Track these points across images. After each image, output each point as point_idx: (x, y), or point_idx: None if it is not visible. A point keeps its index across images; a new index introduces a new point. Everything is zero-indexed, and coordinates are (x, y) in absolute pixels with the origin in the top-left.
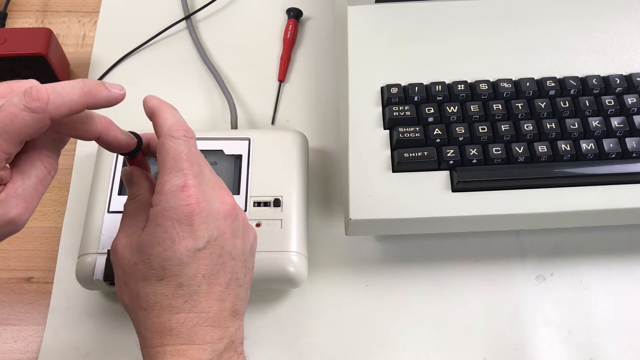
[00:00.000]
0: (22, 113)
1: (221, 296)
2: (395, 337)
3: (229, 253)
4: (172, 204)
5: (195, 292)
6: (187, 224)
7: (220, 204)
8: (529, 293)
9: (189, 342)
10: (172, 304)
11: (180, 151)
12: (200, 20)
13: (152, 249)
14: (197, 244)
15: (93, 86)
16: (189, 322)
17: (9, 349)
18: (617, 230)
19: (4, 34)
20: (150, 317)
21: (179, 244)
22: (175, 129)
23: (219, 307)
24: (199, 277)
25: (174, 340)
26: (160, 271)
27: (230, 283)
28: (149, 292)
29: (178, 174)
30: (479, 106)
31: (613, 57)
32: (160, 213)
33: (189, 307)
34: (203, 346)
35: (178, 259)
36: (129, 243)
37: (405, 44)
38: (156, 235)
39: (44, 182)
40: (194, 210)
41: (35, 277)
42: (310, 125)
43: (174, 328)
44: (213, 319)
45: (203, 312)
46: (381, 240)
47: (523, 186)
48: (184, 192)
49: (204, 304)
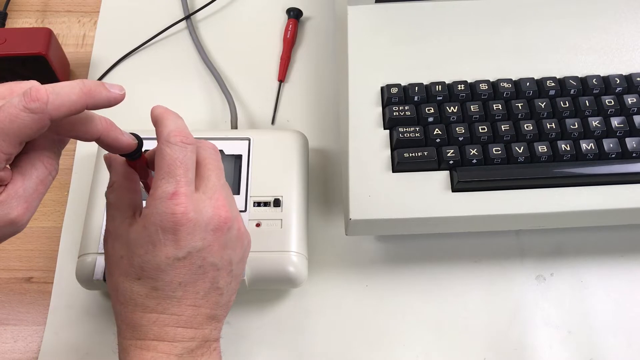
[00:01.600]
0: (21, 114)
1: (197, 303)
2: (395, 337)
3: (212, 264)
4: (159, 211)
5: (169, 297)
6: (171, 233)
7: (213, 215)
8: (529, 293)
9: (159, 339)
10: (145, 304)
11: (175, 157)
12: (200, 20)
13: (135, 249)
14: (178, 253)
15: (92, 87)
16: (160, 322)
17: (9, 349)
18: (617, 230)
19: (4, 34)
20: (125, 311)
21: (159, 250)
22: (173, 135)
23: (193, 312)
24: (175, 283)
25: (144, 336)
26: (139, 271)
27: (209, 292)
28: (127, 288)
29: (170, 181)
30: (479, 106)
31: (613, 57)
32: (148, 217)
33: (161, 308)
34: (174, 343)
35: (156, 264)
36: (117, 235)
37: (405, 44)
38: (141, 236)
39: (44, 183)
40: (179, 220)
41: (35, 277)
42: (310, 125)
43: (145, 325)
44: (185, 321)
45: (175, 315)
46: (381, 240)
47: (523, 186)
48: (172, 200)
49: (176, 308)
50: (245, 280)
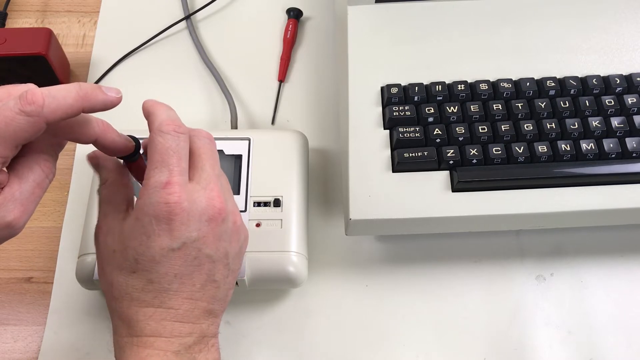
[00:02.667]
0: (17, 117)
1: (194, 296)
2: (395, 337)
3: (207, 256)
4: (152, 200)
5: (165, 289)
6: (165, 223)
7: (207, 205)
8: (529, 293)
9: (156, 335)
10: (141, 297)
11: (168, 146)
12: (200, 20)
13: (129, 242)
14: (172, 244)
15: (89, 90)
16: (157, 316)
17: (9, 349)
18: (617, 230)
19: (4, 34)
20: (121, 307)
21: (153, 241)
22: (165, 124)
23: (191, 306)
24: (171, 275)
25: (140, 332)
26: (133, 264)
27: (205, 284)
28: (122, 282)
29: (163, 170)
30: (479, 106)
31: (613, 57)
32: (140, 208)
33: (158, 302)
34: (171, 339)
35: (151, 256)
36: (109, 230)
37: (405, 44)
38: (134, 228)
39: (41, 186)
40: (173, 210)
41: (35, 277)
42: (310, 125)
43: (141, 320)
44: (182, 316)
45: (172, 309)
46: (381, 240)
47: (523, 186)
48: (166, 189)
49: (173, 301)
50: (245, 280)
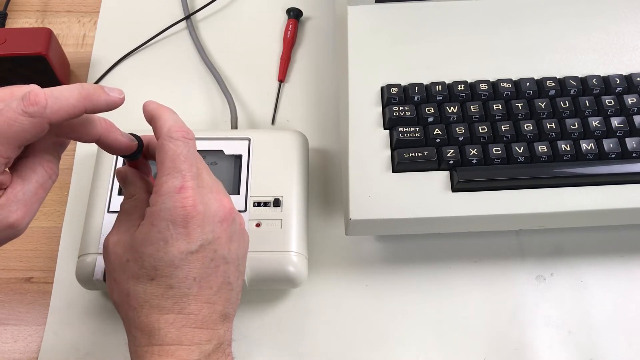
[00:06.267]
0: (20, 117)
1: (212, 299)
2: (395, 337)
3: (222, 257)
4: (168, 205)
5: (185, 294)
6: (182, 227)
7: (218, 207)
8: (529, 293)
9: (177, 343)
10: (161, 305)
11: (179, 152)
12: (200, 20)
13: (144, 248)
14: (190, 247)
15: (92, 90)
16: (178, 323)
17: (9, 349)
18: (617, 230)
19: (4, 34)
20: (139, 316)
21: (171, 246)
22: (174, 130)
23: (209, 310)
24: (190, 279)
25: (162, 341)
26: (152, 271)
27: (221, 287)
28: (139, 291)
29: (176, 175)
30: (479, 106)
31: (613, 57)
32: (156, 214)
33: (178, 308)
34: (191, 347)
35: (170, 261)
36: (120, 240)
37: (405, 44)
38: (150, 235)
39: (44, 187)
40: (189, 213)
41: (35, 277)
42: (310, 125)
43: (162, 328)
44: (202, 321)
45: (192, 314)
46: (381, 240)
47: (523, 186)
48: (181, 194)
49: (193, 306)
50: (245, 280)
